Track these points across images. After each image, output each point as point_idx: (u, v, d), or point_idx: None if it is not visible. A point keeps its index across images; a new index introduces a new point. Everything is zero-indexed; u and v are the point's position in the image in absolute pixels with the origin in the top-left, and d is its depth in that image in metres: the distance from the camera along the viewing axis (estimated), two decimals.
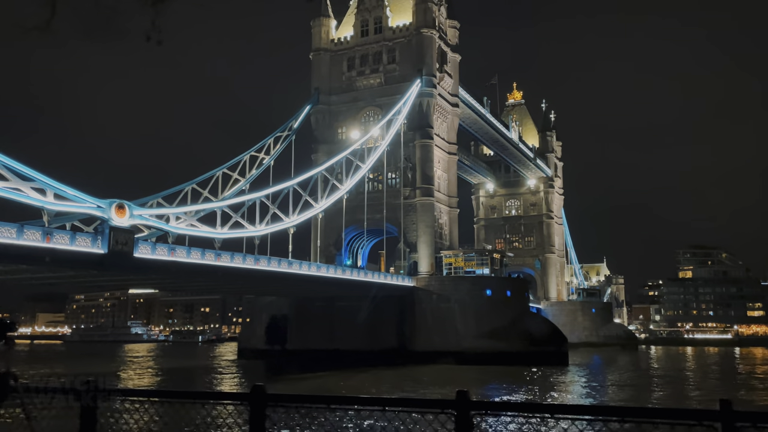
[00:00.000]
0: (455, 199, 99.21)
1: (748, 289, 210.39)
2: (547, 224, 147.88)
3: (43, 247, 39.53)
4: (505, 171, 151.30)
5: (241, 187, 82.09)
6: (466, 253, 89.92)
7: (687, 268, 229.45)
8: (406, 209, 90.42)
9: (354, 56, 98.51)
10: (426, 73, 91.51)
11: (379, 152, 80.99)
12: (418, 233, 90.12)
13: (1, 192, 38.05)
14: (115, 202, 44.87)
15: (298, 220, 65.82)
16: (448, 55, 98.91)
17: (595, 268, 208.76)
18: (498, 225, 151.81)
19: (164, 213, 51.22)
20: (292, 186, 65.13)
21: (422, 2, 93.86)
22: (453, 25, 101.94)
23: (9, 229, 38.10)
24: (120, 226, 44.76)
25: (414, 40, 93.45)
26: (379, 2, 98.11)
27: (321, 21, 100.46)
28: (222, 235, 54.96)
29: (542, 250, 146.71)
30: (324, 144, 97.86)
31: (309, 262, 67.01)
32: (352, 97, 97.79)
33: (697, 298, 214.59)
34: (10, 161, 38.49)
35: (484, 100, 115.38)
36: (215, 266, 53.39)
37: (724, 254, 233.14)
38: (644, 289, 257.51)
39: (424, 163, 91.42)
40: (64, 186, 41.44)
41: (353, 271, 73.67)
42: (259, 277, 58.78)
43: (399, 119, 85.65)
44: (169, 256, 49.07)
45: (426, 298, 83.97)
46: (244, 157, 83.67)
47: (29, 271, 44.61)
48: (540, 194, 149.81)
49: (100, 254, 43.27)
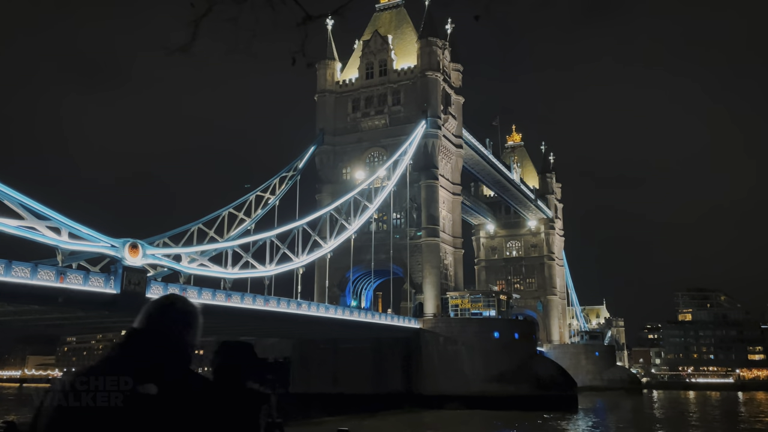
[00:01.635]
0: (460, 240, 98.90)
1: (748, 332, 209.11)
2: (548, 266, 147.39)
3: (56, 287, 38.61)
4: (505, 212, 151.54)
5: (247, 226, 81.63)
6: (473, 295, 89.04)
7: (686, 310, 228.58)
8: (412, 250, 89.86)
9: (359, 98, 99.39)
10: (431, 115, 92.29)
11: (386, 192, 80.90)
12: (423, 274, 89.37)
13: (17, 231, 37.36)
14: (129, 242, 44.18)
15: (308, 260, 65.13)
16: (452, 98, 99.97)
17: (595, 311, 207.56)
18: (499, 266, 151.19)
19: (177, 252, 50.48)
20: (301, 225, 64.61)
21: (427, 46, 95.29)
22: (456, 68, 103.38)
23: (23, 268, 37.26)
24: (133, 265, 43.98)
25: (419, 83, 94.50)
26: (384, 46, 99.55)
27: (326, 63, 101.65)
28: (232, 275, 54.15)
29: (544, 291, 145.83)
30: (328, 184, 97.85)
31: (317, 303, 66.02)
32: (357, 137, 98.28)
33: (697, 341, 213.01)
34: (27, 199, 37.90)
35: (487, 141, 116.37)
36: (226, 307, 52.36)
37: (723, 296, 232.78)
38: (643, 331, 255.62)
39: (429, 203, 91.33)
40: (79, 225, 40.80)
41: (360, 313, 72.64)
42: (268, 319, 57.71)
43: (405, 160, 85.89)
44: None
45: (433, 341, 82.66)
46: (250, 197, 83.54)
47: (38, 312, 43.52)
48: (541, 235, 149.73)
49: (112, 294, 42.34)
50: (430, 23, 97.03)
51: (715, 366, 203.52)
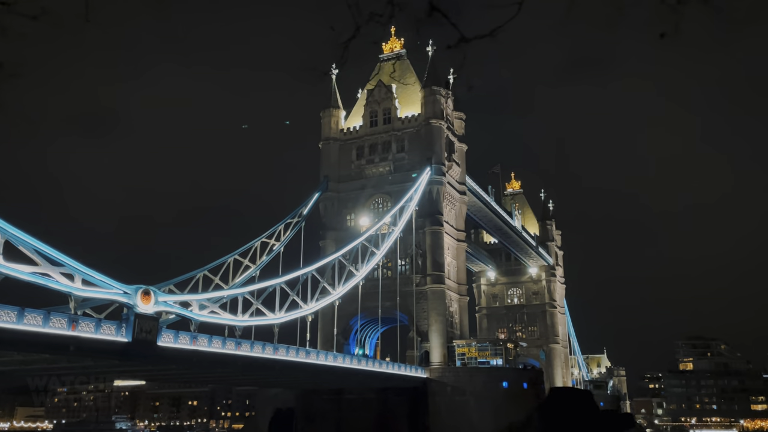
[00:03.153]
0: (464, 287, 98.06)
1: (750, 382, 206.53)
2: (550, 313, 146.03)
3: (68, 335, 37.49)
4: (506, 259, 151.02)
5: (252, 273, 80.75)
6: (480, 343, 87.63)
7: (687, 359, 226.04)
8: (417, 297, 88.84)
9: (363, 145, 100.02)
10: (435, 162, 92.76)
11: (392, 239, 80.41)
12: (429, 321, 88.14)
13: (31, 277, 36.50)
14: (141, 288, 43.25)
15: (317, 307, 64.06)
16: (455, 145, 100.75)
17: (596, 359, 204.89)
18: (500, 314, 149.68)
19: (188, 299, 49.46)
20: (310, 272, 63.79)
21: (431, 95, 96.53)
22: (459, 116, 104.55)
23: (35, 316, 36.22)
24: (145, 312, 42.95)
25: (423, 130, 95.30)
26: (388, 95, 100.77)
27: (330, 112, 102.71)
28: (243, 322, 53.04)
29: (546, 340, 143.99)
30: (332, 231, 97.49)
31: (325, 351, 64.62)
32: (361, 184, 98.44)
33: (699, 391, 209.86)
34: (42, 245, 37.15)
35: (489, 188, 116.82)
36: (235, 356, 51.10)
37: (723, 345, 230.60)
38: (644, 381, 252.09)
39: (434, 250, 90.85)
40: (93, 271, 39.95)
41: (368, 362, 71.13)
42: (277, 367, 56.29)
43: (411, 206, 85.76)
44: (191, 345, 46.92)
45: (440, 391, 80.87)
46: (254, 244, 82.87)
47: (46, 361, 42.17)
48: (542, 283, 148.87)
49: (123, 343, 41.15)
50: (434, 73, 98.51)
51: (718, 417, 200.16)
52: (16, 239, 36.02)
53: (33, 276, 36.74)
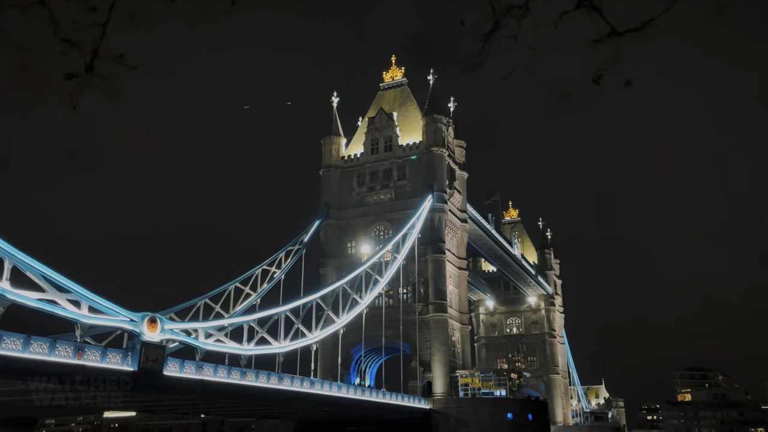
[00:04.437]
0: (466, 316, 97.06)
1: (749, 413, 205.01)
2: (549, 343, 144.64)
3: (74, 363, 36.31)
4: (504, 288, 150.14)
5: (253, 301, 79.57)
6: (483, 373, 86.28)
7: (684, 390, 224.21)
8: (420, 326, 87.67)
9: (364, 172, 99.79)
10: (437, 189, 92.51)
11: (396, 266, 79.57)
12: (432, 351, 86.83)
13: (37, 304, 35.46)
14: (148, 316, 42.17)
15: (321, 335, 62.90)
16: (456, 173, 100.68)
17: (594, 390, 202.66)
18: (500, 344, 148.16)
19: (194, 327, 48.30)
20: (315, 300, 62.79)
21: (432, 123, 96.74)
22: (460, 144, 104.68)
23: (42, 344, 35.10)
24: (151, 341, 41.81)
25: (425, 158, 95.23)
26: (389, 123, 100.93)
27: (332, 139, 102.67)
28: (249, 351, 51.85)
29: (546, 370, 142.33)
30: (333, 258, 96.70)
31: (329, 382, 63.19)
32: (362, 212, 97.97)
33: (698, 422, 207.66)
34: (50, 271, 36.19)
35: (489, 216, 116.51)
36: (241, 386, 49.76)
37: (721, 376, 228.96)
38: (642, 412, 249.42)
39: (437, 278, 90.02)
40: (100, 298, 38.92)
41: (373, 392, 69.63)
42: (281, 398, 54.88)
43: (413, 234, 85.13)
44: (197, 374, 45.66)
45: (444, 422, 79.25)
46: (255, 271, 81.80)
47: (50, 392, 40.68)
48: (541, 312, 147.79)
49: (129, 372, 39.94)
50: (435, 101, 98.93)
51: None
52: (23, 265, 35.08)
53: (39, 303, 35.71)
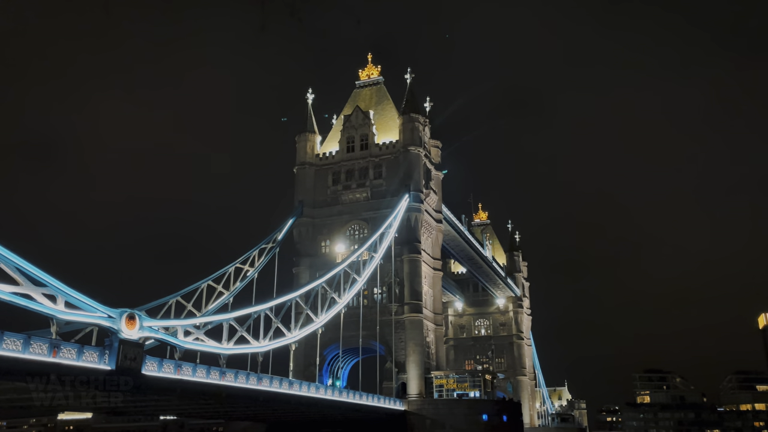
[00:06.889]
0: (441, 317, 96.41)
1: (705, 415, 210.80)
2: (517, 345, 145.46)
3: (49, 361, 34.13)
4: (473, 290, 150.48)
5: (225, 300, 77.35)
6: (458, 374, 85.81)
7: (644, 392, 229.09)
8: (395, 326, 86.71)
9: (339, 171, 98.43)
10: (414, 189, 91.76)
11: (373, 266, 78.40)
12: (407, 352, 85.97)
13: (11, 297, 33.18)
14: (126, 312, 40.09)
15: (301, 335, 61.34)
16: (432, 173, 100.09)
17: (557, 392, 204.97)
18: (467, 345, 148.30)
19: (173, 324, 46.30)
20: (294, 299, 61.23)
21: (409, 122, 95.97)
22: (435, 144, 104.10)
23: (15, 340, 32.83)
24: (129, 338, 39.76)
25: (401, 157, 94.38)
26: (365, 121, 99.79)
27: (306, 136, 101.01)
28: (229, 350, 50.00)
29: (514, 372, 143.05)
30: (306, 257, 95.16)
31: (308, 382, 61.56)
32: (337, 210, 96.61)
33: (657, 424, 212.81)
34: (25, 263, 33.94)
35: (463, 217, 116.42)
36: (219, 386, 47.90)
37: (678, 378, 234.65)
38: (602, 414, 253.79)
39: (412, 278, 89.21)
40: (77, 293, 36.77)
41: (349, 394, 68.21)
42: (261, 399, 53.14)
43: (390, 233, 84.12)
44: (176, 374, 43.69)
45: (419, 424, 78.44)
46: (228, 269, 79.64)
47: (21, 391, 38.22)
48: (509, 314, 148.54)
49: (106, 370, 37.86)
50: (412, 100, 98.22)
51: None
52: None
53: (13, 297, 33.46)
